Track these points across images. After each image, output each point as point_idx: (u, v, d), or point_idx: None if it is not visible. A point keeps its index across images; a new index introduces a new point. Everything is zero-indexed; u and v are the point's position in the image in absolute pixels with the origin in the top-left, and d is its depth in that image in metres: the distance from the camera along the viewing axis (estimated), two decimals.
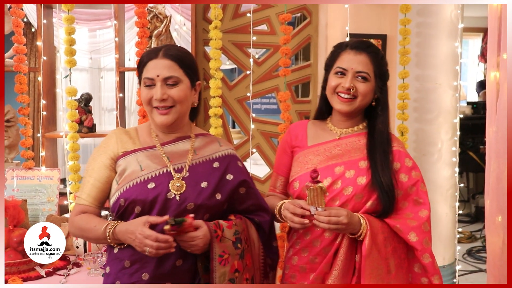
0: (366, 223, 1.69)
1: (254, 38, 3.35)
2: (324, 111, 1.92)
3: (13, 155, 3.27)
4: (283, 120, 3.16)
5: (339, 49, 1.82)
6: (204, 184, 1.65)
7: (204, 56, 3.45)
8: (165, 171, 1.67)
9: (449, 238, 3.44)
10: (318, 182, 1.64)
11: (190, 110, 1.77)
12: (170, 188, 1.64)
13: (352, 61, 1.77)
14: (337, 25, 3.30)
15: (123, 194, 1.64)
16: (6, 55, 3.08)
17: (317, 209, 1.62)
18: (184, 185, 1.64)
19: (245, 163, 3.57)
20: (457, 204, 3.42)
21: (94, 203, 1.70)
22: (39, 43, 3.09)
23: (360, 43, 1.80)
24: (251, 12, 3.31)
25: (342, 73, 1.78)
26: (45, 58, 3.12)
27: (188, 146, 1.72)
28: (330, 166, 1.81)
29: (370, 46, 1.79)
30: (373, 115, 1.84)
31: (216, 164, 1.70)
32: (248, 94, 3.38)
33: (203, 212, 1.64)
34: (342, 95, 1.78)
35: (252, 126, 3.39)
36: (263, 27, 3.51)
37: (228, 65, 6.50)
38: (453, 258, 3.48)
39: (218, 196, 1.66)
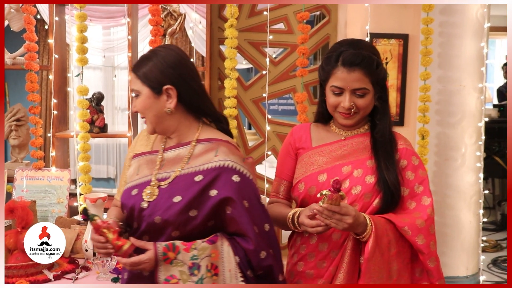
0: (371, 225, 1.68)
1: (271, 37, 3.35)
2: (326, 116, 1.92)
3: (23, 155, 3.31)
4: (300, 122, 3.15)
5: (329, 65, 1.77)
6: (177, 199, 1.55)
7: (219, 55, 3.46)
8: (150, 179, 1.65)
9: (472, 247, 3.39)
10: (339, 191, 1.63)
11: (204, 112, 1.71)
12: (143, 197, 1.61)
13: (347, 80, 1.74)
14: (356, 24, 3.28)
15: (121, 197, 1.69)
16: (17, 52, 3.12)
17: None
18: (155, 196, 1.59)
19: (260, 166, 3.62)
20: (481, 211, 3.38)
21: None
22: (51, 41, 3.12)
23: (351, 57, 1.73)
24: (268, 10, 3.31)
25: (339, 93, 1.77)
26: (56, 56, 3.15)
27: (186, 153, 1.65)
28: (337, 166, 1.81)
29: (363, 58, 1.73)
30: (375, 116, 1.85)
31: (198, 178, 1.56)
32: (264, 95, 3.38)
33: (172, 229, 1.56)
34: (344, 112, 1.79)
35: (268, 127, 3.39)
36: (280, 25, 3.50)
37: (244, 64, 6.51)
38: (476, 268, 3.43)
39: (193, 213, 1.54)
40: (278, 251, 1.63)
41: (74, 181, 4.53)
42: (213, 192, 1.54)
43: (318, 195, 1.65)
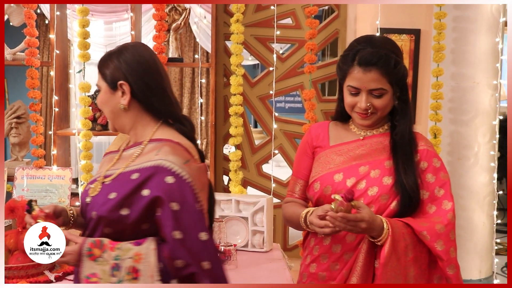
0: (388, 228, 1.66)
1: (278, 32, 3.35)
2: (345, 115, 1.91)
3: (24, 153, 3.31)
4: (308, 120, 3.15)
5: (346, 65, 1.77)
6: (112, 195, 1.54)
7: (225, 51, 3.45)
8: (99, 176, 1.68)
9: (486, 249, 3.38)
10: (351, 200, 1.62)
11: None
12: (88, 192, 1.64)
13: (363, 80, 1.73)
14: (367, 19, 3.27)
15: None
16: (17, 48, 3.12)
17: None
18: (96, 192, 1.60)
19: (266, 165, 3.62)
20: (495, 212, 3.36)
21: None
22: (52, 36, 3.13)
23: (368, 56, 1.72)
24: (275, 4, 3.30)
25: (356, 93, 1.77)
26: (58, 51, 3.16)
27: (136, 152, 1.64)
28: (354, 166, 1.80)
29: (380, 58, 1.72)
30: (394, 116, 1.83)
31: (134, 176, 1.54)
32: (271, 92, 3.38)
33: (104, 225, 1.56)
34: (361, 112, 1.78)
35: (275, 126, 3.38)
36: (288, 20, 3.50)
37: (249, 60, 6.51)
38: (490, 271, 3.42)
39: (124, 212, 1.52)
40: (216, 264, 1.52)
41: (75, 180, 4.53)
42: (145, 192, 1.51)
43: (332, 196, 1.64)
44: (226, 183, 3.51)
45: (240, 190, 3.17)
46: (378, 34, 3.15)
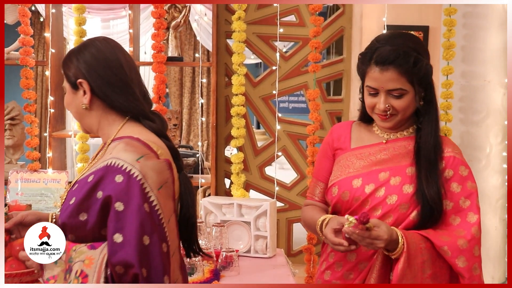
0: (404, 244, 1.62)
1: (281, 30, 3.34)
2: (367, 115, 1.87)
3: (18, 156, 3.31)
4: (312, 121, 3.14)
5: (364, 64, 1.74)
6: (72, 201, 1.51)
7: (226, 49, 3.45)
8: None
9: (499, 255, 3.37)
10: (366, 223, 1.59)
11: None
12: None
13: (380, 80, 1.70)
14: (373, 16, 3.26)
15: None
16: (11, 47, 3.12)
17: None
18: (63, 200, 1.59)
19: (270, 167, 3.61)
20: (507, 216, 3.35)
21: None
22: (47, 34, 3.13)
23: (385, 54, 1.69)
24: (278, 2, 3.29)
25: (375, 93, 1.74)
26: (53, 50, 3.16)
27: (101, 153, 1.62)
28: (374, 172, 1.76)
29: (398, 56, 1.68)
30: (418, 119, 1.80)
31: (90, 178, 1.49)
32: (274, 92, 3.37)
33: (68, 232, 1.53)
34: (380, 113, 1.75)
35: (278, 127, 3.37)
36: (291, 18, 3.49)
37: (252, 59, 6.51)
38: (503, 278, 3.40)
39: (83, 217, 1.48)
40: (155, 273, 1.46)
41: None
42: (99, 194, 1.47)
43: (345, 217, 1.61)
44: (228, 186, 3.50)
45: (242, 193, 3.16)
46: (384, 31, 3.14)
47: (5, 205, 2.37)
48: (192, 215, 1.60)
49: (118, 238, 1.42)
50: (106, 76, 1.57)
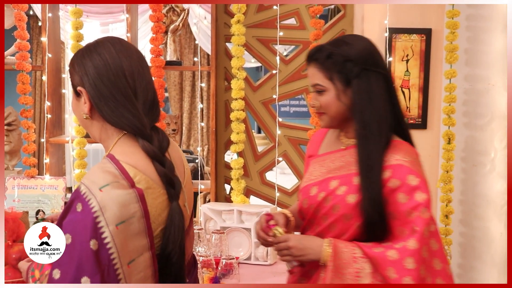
0: (331, 251, 1.62)
1: (281, 33, 3.34)
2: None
3: (15, 162, 3.31)
4: (313, 126, 3.13)
5: None
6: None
7: (225, 53, 3.45)
8: None
9: (504, 261, 3.35)
10: (275, 225, 1.73)
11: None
12: None
13: (308, 76, 1.79)
14: (374, 19, 3.26)
15: None
16: (7, 51, 3.12)
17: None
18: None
19: (270, 173, 3.60)
20: None
21: None
22: (44, 39, 3.13)
23: (310, 52, 1.78)
24: (278, 4, 3.29)
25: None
26: (50, 55, 3.16)
27: None
28: (327, 179, 1.75)
29: (317, 51, 1.74)
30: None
31: (70, 196, 1.41)
32: (275, 96, 3.36)
33: None
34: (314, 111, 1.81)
35: (279, 131, 3.37)
36: (292, 21, 3.49)
37: (252, 63, 6.51)
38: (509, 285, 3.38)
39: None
40: None
41: (69, 190, 4.53)
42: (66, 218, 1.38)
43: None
44: (228, 192, 3.49)
45: (242, 199, 3.16)
46: (387, 34, 3.14)
47: None
48: (175, 252, 1.43)
49: (56, 274, 1.34)
50: (103, 88, 1.46)
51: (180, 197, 1.48)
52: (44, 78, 3.16)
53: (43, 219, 1.64)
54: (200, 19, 4.95)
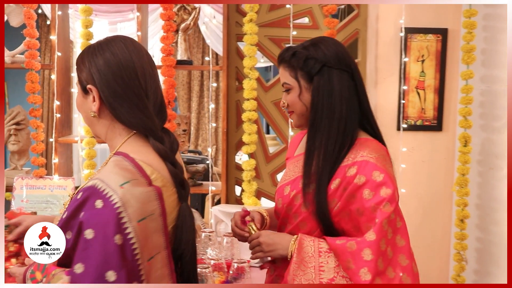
0: (296, 245, 1.69)
1: (294, 32, 3.30)
2: None
3: (23, 162, 3.29)
4: None
5: None
6: (65, 215, 1.44)
7: (237, 53, 3.41)
8: None
9: None
10: (250, 221, 1.81)
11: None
12: None
13: (279, 75, 1.84)
14: (389, 18, 3.22)
15: None
16: (17, 50, 3.11)
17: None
18: (66, 207, 1.52)
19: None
20: None
21: None
22: (53, 37, 3.11)
23: (280, 52, 1.83)
24: (291, 3, 3.26)
25: None
26: (59, 53, 3.14)
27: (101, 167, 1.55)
28: (298, 178, 1.80)
29: (286, 51, 1.79)
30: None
31: (79, 195, 1.40)
32: None
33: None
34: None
35: (291, 132, 3.34)
36: (304, 20, 3.46)
37: (262, 63, 6.48)
38: None
39: (68, 235, 1.41)
40: None
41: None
42: (81, 214, 1.37)
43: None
44: (239, 194, 3.46)
45: (254, 201, 3.13)
46: (402, 34, 3.10)
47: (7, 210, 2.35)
48: (188, 252, 1.47)
49: (78, 268, 1.32)
50: (116, 86, 1.46)
51: None
52: (53, 77, 3.14)
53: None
54: (209, 19, 4.94)
